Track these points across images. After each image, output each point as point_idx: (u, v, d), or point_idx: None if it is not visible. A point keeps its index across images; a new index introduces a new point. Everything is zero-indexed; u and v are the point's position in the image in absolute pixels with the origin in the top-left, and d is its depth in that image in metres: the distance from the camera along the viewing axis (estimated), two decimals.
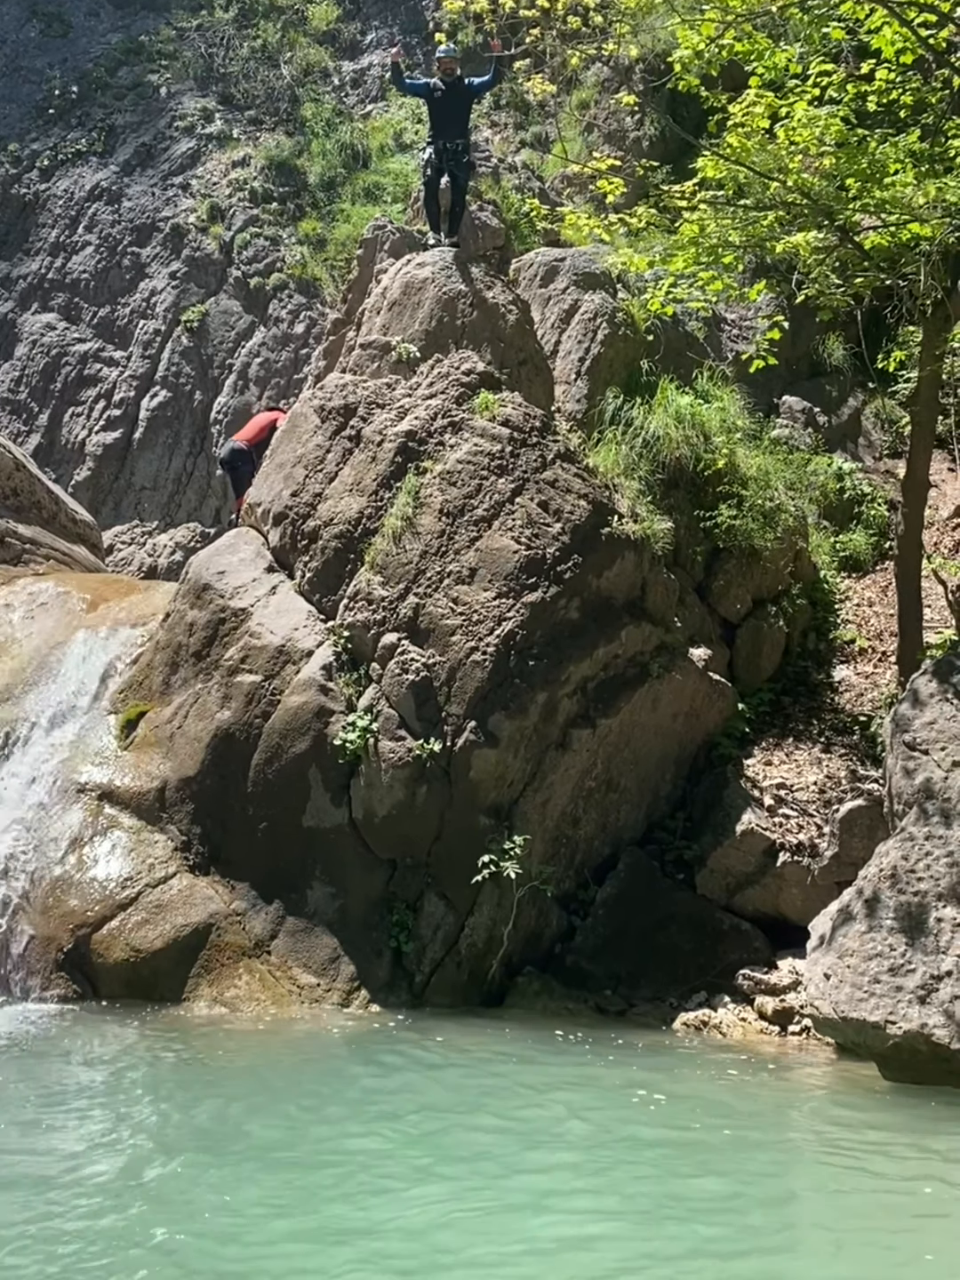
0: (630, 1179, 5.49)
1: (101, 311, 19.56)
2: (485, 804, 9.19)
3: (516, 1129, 6.21)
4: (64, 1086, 6.76)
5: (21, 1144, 5.80)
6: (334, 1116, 6.34)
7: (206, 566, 10.35)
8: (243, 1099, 6.59)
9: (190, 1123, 6.22)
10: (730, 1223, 5.03)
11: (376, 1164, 5.62)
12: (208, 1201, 5.15)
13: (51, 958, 8.76)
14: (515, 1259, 4.61)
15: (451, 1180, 5.45)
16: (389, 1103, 6.58)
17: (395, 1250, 4.65)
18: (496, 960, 9.08)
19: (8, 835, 9.26)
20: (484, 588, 9.57)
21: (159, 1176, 5.45)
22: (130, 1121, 6.20)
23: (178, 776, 9.56)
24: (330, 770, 9.28)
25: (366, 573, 9.80)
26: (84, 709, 10.20)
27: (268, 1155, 5.72)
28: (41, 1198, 5.11)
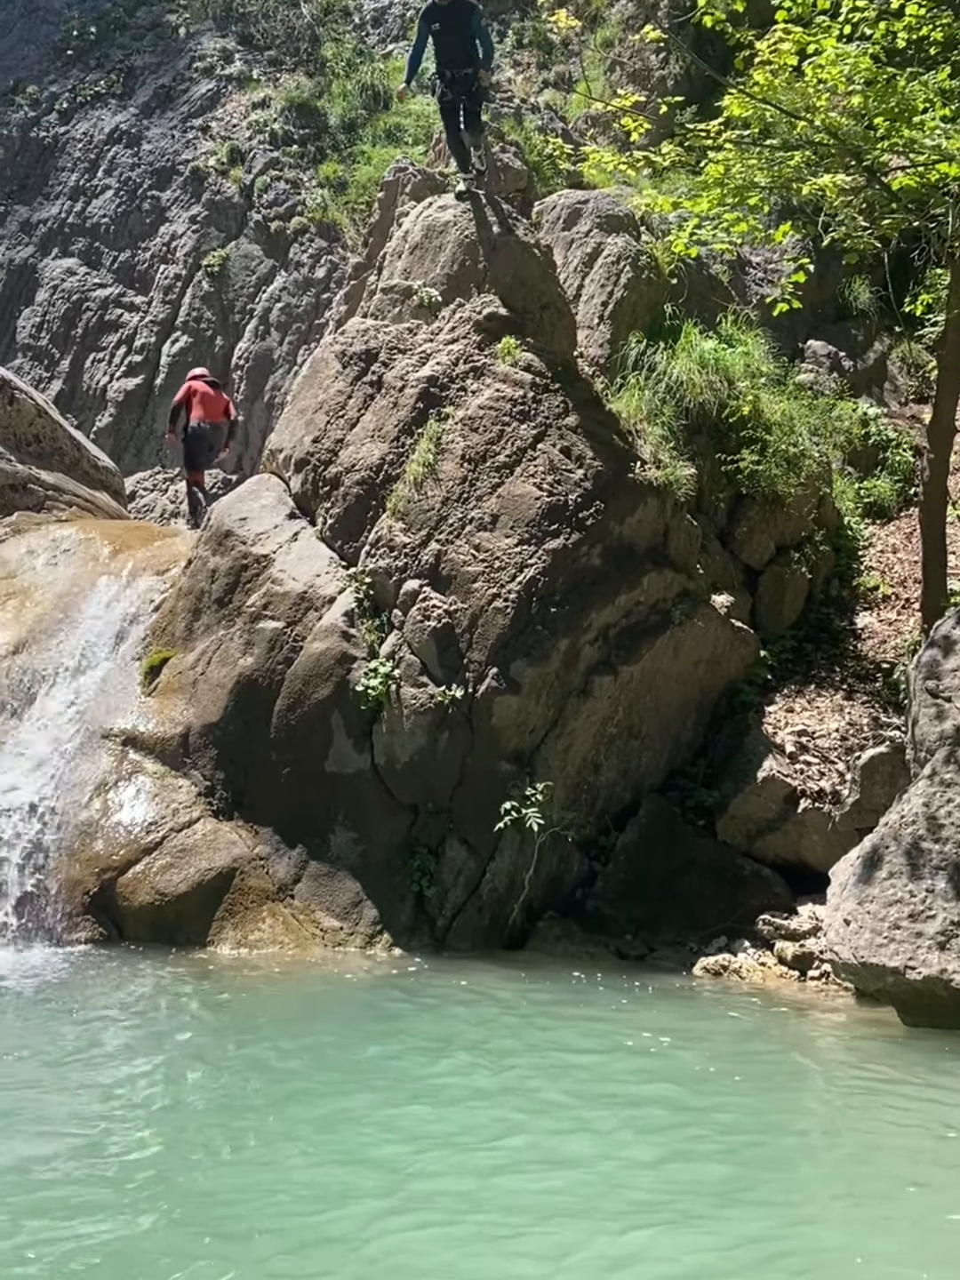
0: (638, 1121, 5.55)
1: (122, 256, 19.44)
2: (507, 750, 9.22)
3: (527, 1067, 6.31)
4: (92, 1026, 6.86)
5: (52, 1082, 5.90)
6: (356, 1055, 6.44)
7: (228, 513, 10.35)
8: (267, 1037, 6.69)
9: (215, 1060, 6.32)
10: (739, 1165, 5.09)
11: (396, 1100, 5.72)
12: (233, 1133, 5.25)
13: (78, 901, 8.87)
14: (513, 1189, 4.69)
15: (468, 1113, 5.56)
16: (408, 1041, 6.68)
17: (418, 1183, 4.74)
18: (517, 905, 9.15)
19: (33, 781, 9.33)
20: (506, 534, 9.54)
21: (187, 1113, 5.55)
22: (157, 1061, 6.29)
23: (201, 722, 9.62)
24: (352, 716, 9.32)
25: (388, 519, 9.78)
26: (107, 655, 10.25)
27: (291, 1091, 5.81)
28: (71, 1134, 5.21)
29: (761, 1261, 4.19)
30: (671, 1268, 4.11)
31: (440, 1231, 4.34)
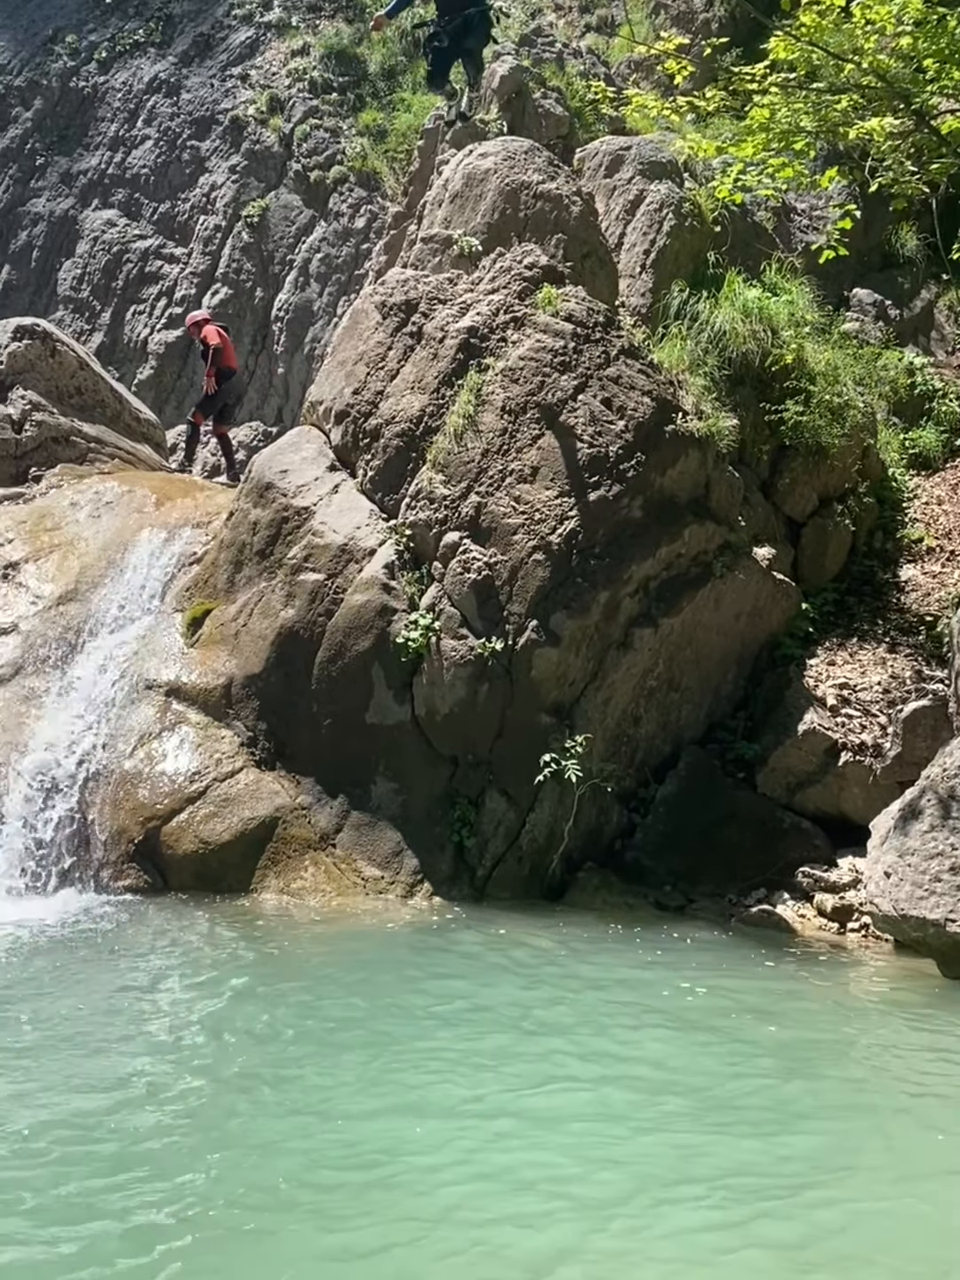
0: (677, 1067, 5.61)
1: (162, 207, 19.40)
2: (546, 703, 9.25)
3: (565, 1013, 6.38)
4: (137, 972, 6.99)
5: (98, 1029, 6.02)
6: (400, 1000, 6.52)
7: (269, 465, 10.37)
8: (313, 983, 6.79)
9: (262, 1006, 6.42)
10: (773, 1116, 5.13)
11: (443, 1045, 5.81)
12: (275, 1080, 5.35)
13: (123, 849, 9.01)
14: (553, 1134, 4.76)
15: (512, 1057, 5.64)
16: (449, 988, 6.76)
17: (472, 1126, 4.82)
18: (557, 856, 9.20)
19: (79, 731, 9.46)
20: (546, 486, 9.51)
21: (235, 1059, 5.64)
22: (202, 1006, 6.41)
23: (243, 674, 9.69)
24: (393, 668, 9.36)
25: (428, 471, 9.77)
26: (150, 607, 10.34)
27: (334, 1037, 5.91)
28: (119, 1083, 5.31)
29: (800, 1185, 4.28)
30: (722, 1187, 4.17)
31: (503, 1175, 4.42)
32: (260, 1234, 3.91)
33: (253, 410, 18.05)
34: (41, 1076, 5.18)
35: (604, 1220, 4.10)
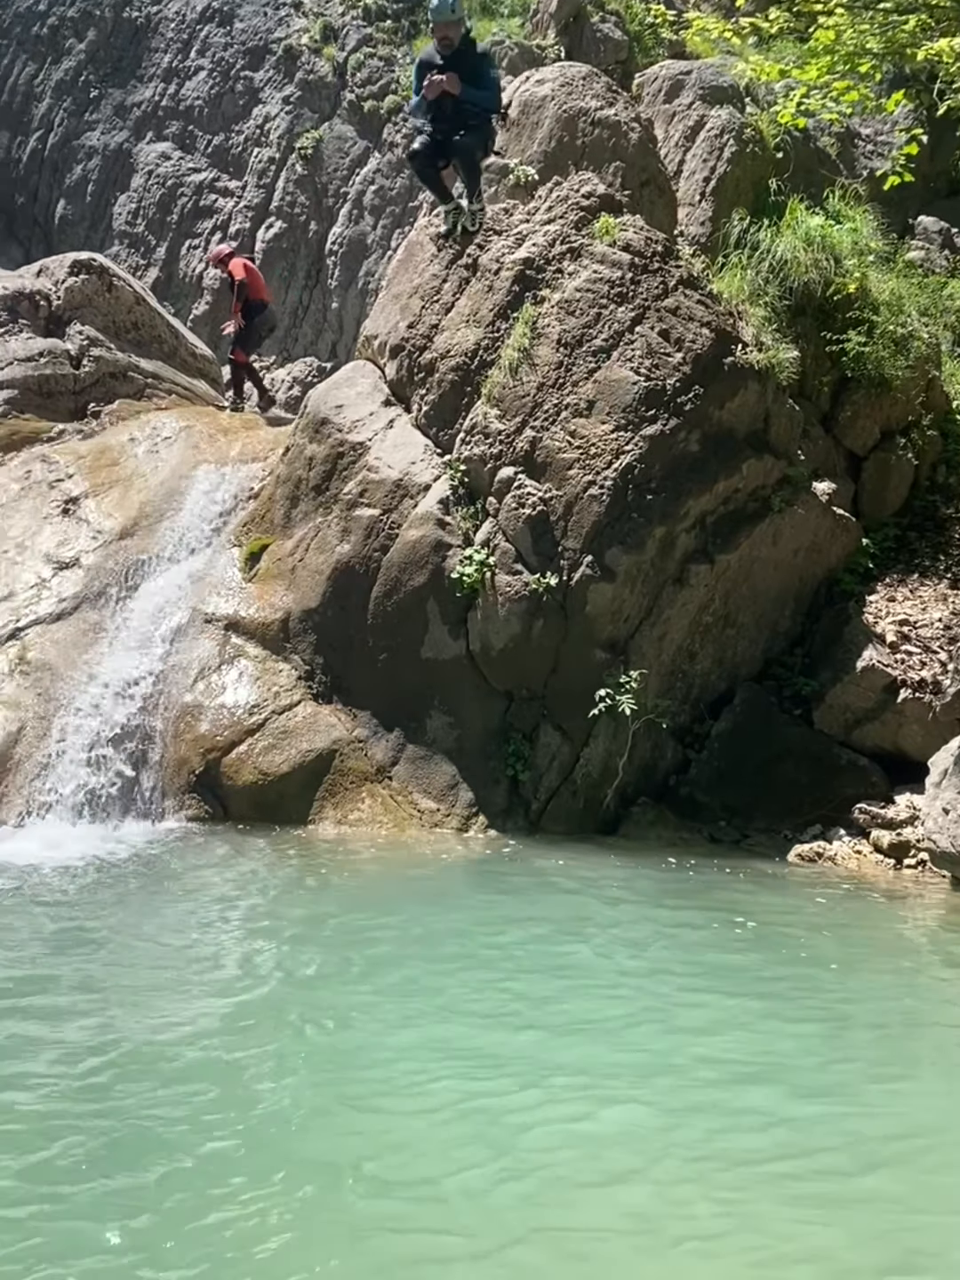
0: (733, 1001, 5.65)
1: (216, 139, 19.27)
2: (601, 638, 9.24)
3: (614, 946, 6.44)
4: (199, 901, 7.12)
5: (161, 956, 6.15)
6: (459, 930, 6.61)
7: (324, 400, 10.37)
8: (371, 913, 6.89)
9: (320, 935, 6.54)
10: (830, 1051, 5.16)
11: (502, 973, 5.91)
12: (332, 1007, 5.45)
13: (184, 780, 9.16)
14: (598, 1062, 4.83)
15: (555, 985, 5.72)
16: (506, 918, 6.84)
17: (509, 1056, 4.90)
18: (611, 790, 9.24)
19: (140, 663, 9.58)
20: (602, 420, 9.43)
21: (292, 989, 5.75)
22: (262, 936, 6.52)
23: (300, 608, 9.77)
24: (448, 603, 9.39)
25: (483, 406, 9.72)
26: (208, 542, 10.42)
27: (396, 967, 6.00)
28: (185, 1010, 5.44)
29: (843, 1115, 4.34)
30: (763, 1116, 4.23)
31: (571, 1101, 4.50)
32: (328, 1166, 3.98)
33: (307, 346, 18.01)
34: (105, 1007, 5.29)
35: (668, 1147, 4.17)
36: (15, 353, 11.89)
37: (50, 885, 7.28)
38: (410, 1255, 3.46)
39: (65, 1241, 3.39)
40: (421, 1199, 3.76)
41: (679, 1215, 3.70)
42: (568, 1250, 3.50)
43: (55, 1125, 4.06)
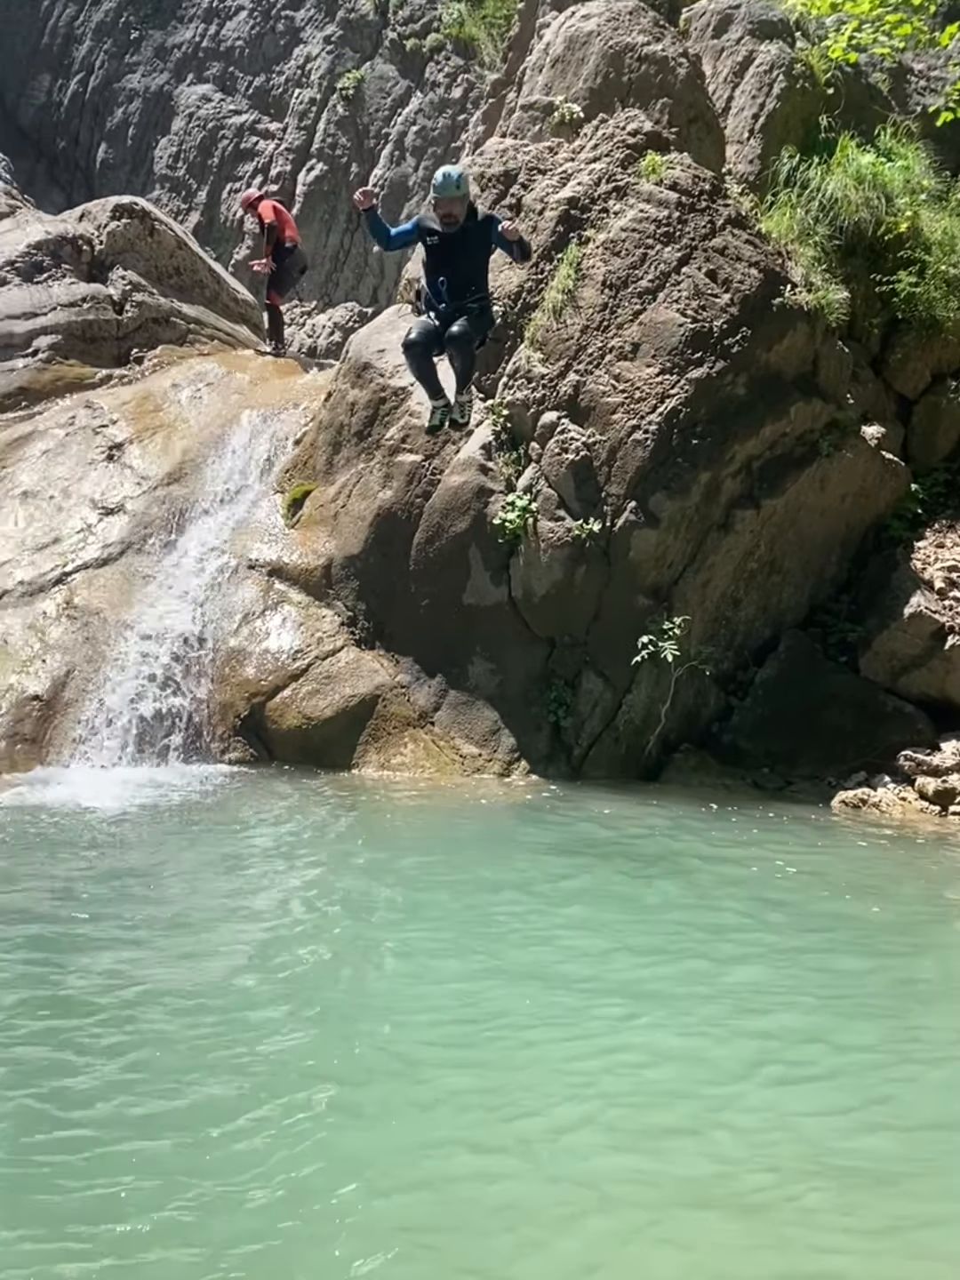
0: (774, 937, 5.65)
1: (257, 81, 19.05)
2: (644, 585, 9.18)
3: (655, 885, 6.48)
4: (244, 841, 7.19)
5: (206, 896, 6.23)
6: (501, 872, 6.63)
7: (366, 345, 10.30)
8: (413, 854, 6.93)
9: (363, 875, 6.60)
10: (871, 996, 5.16)
11: (532, 912, 5.95)
12: (377, 943, 5.51)
13: (230, 723, 9.23)
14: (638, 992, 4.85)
15: (599, 919, 5.78)
16: (548, 860, 6.87)
17: (561, 991, 4.93)
18: (653, 737, 9.22)
19: (186, 608, 9.63)
20: (647, 363, 9.32)
21: (336, 926, 5.82)
22: (306, 875, 6.57)
23: (342, 554, 9.77)
24: (490, 550, 9.35)
25: (526, 350, 9.62)
26: (251, 488, 10.43)
27: (438, 907, 6.05)
28: (231, 951, 5.49)
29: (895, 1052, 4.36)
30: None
31: (605, 1035, 4.53)
32: (369, 1095, 4.03)
33: (348, 290, 17.88)
34: (153, 943, 5.37)
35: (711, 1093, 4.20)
36: (58, 298, 11.89)
37: (97, 825, 7.37)
38: (458, 1172, 3.50)
39: (95, 1163, 3.45)
40: (469, 1122, 3.80)
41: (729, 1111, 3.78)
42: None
43: (88, 1048, 4.13)
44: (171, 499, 10.32)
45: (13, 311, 11.67)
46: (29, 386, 11.30)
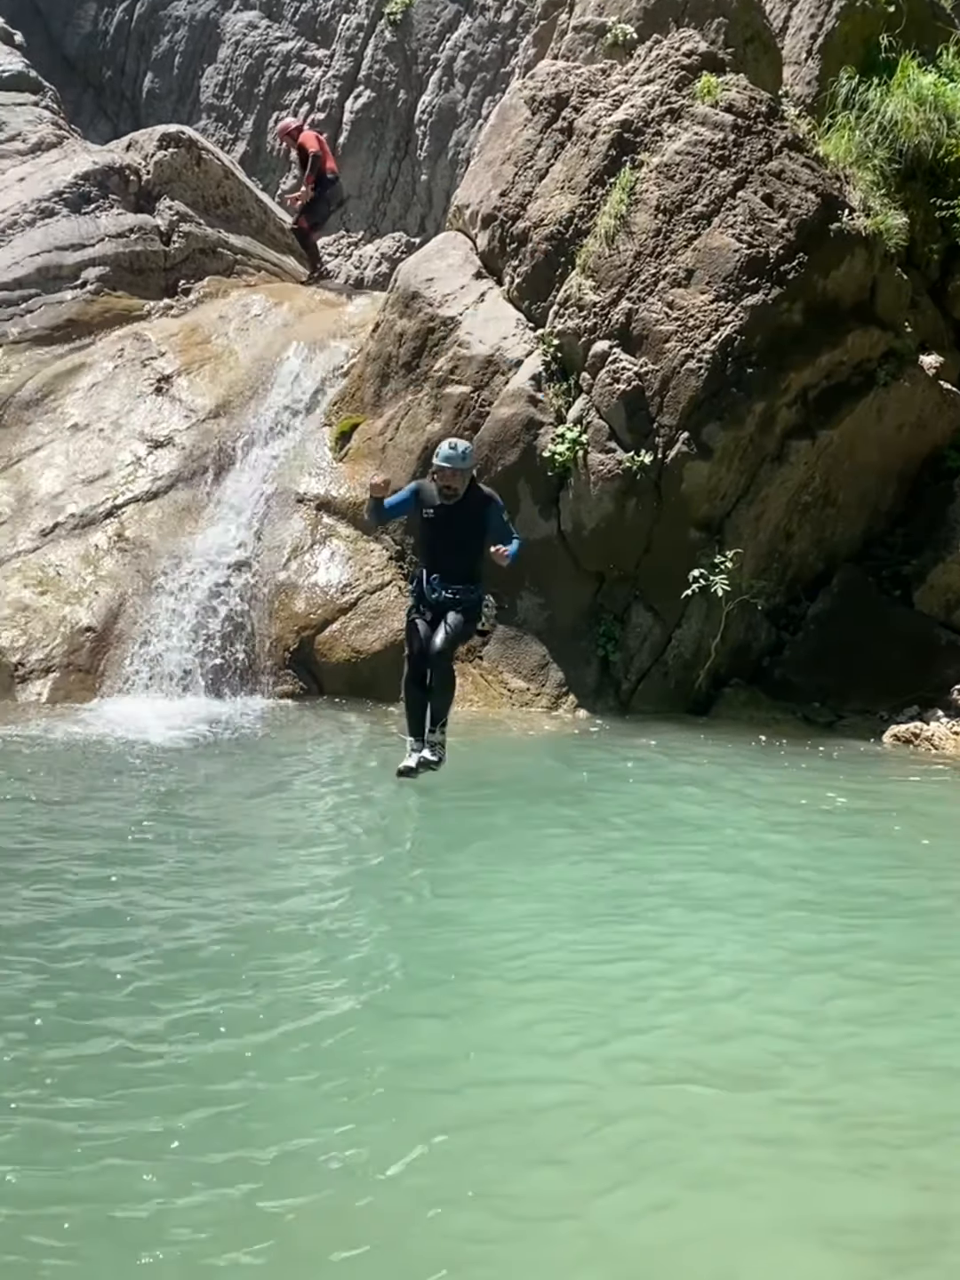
0: (822, 874, 5.63)
1: (303, 7, 18.72)
2: (696, 518, 9.08)
3: (705, 815, 6.47)
4: (295, 773, 7.21)
5: (255, 825, 6.27)
6: (549, 806, 6.63)
7: (415, 274, 10.18)
8: (461, 787, 6.92)
9: (410, 807, 6.63)
10: (919, 924, 5.12)
11: (584, 834, 6.02)
12: (428, 874, 5.54)
13: (280, 656, 9.26)
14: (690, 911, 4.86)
15: (651, 849, 5.80)
16: (599, 794, 6.86)
17: (612, 924, 4.94)
18: (703, 672, 9.16)
19: (235, 542, 9.64)
20: (701, 290, 9.14)
21: (381, 852, 5.84)
22: (354, 807, 6.60)
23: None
24: (539, 483, 9.27)
25: (577, 277, 9.47)
26: (299, 421, 10.38)
27: (487, 834, 6.06)
28: (271, 876, 5.53)
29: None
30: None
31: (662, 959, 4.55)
32: (428, 1025, 4.05)
33: (395, 220, 17.66)
34: (198, 875, 5.37)
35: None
36: (106, 229, 11.82)
37: (148, 754, 7.44)
38: (506, 1105, 3.52)
39: (165, 1101, 3.50)
40: (528, 1051, 3.83)
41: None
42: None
43: (150, 989, 4.17)
44: (220, 432, 10.29)
45: (61, 243, 11.62)
46: (77, 319, 11.27)
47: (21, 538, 9.67)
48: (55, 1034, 3.78)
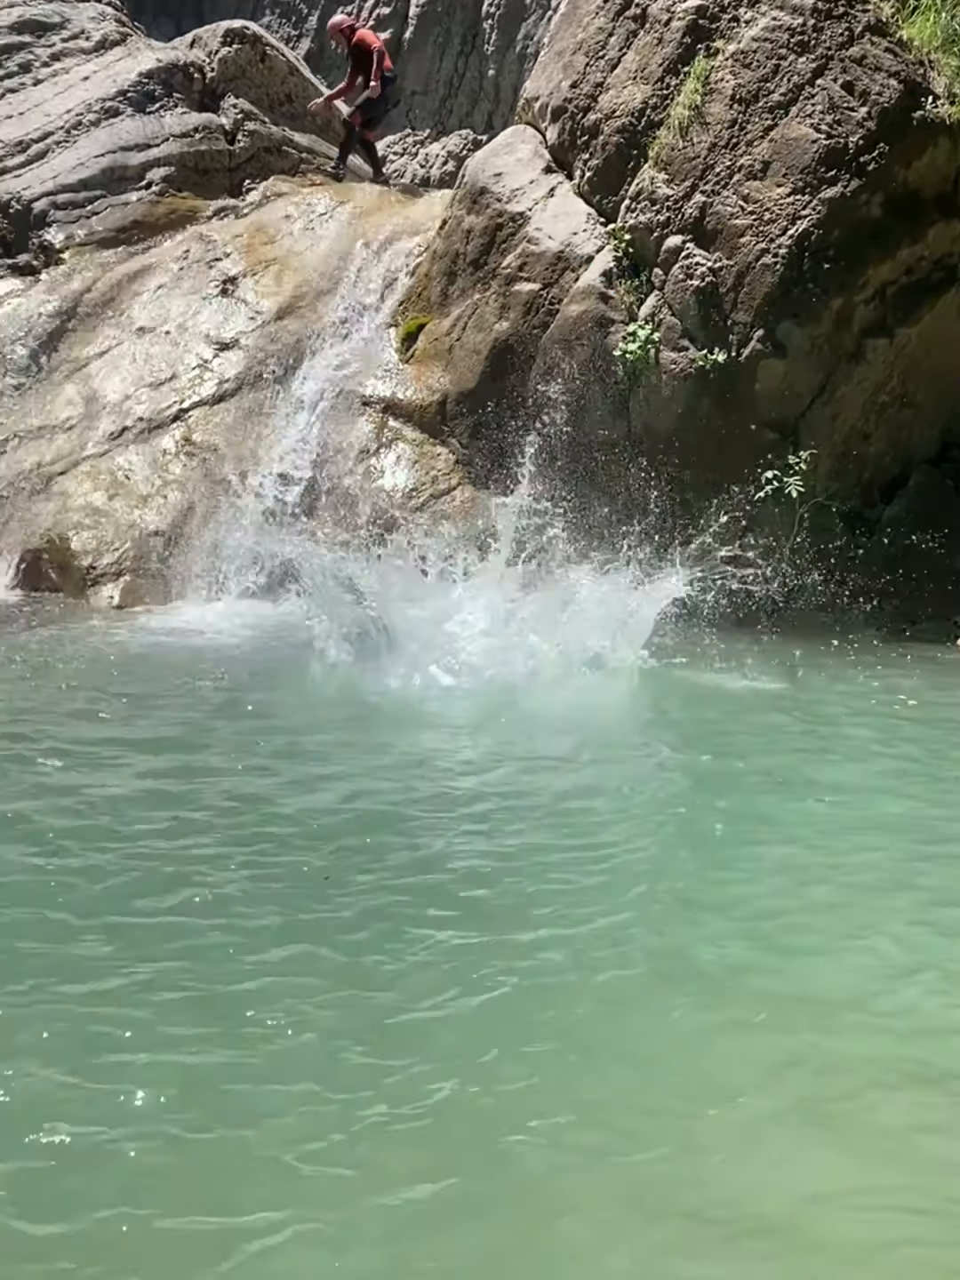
0: (885, 763, 5.58)
1: None
2: (770, 418, 8.90)
3: (776, 714, 6.45)
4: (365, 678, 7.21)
5: (329, 714, 6.31)
6: (607, 720, 6.61)
7: (483, 168, 9.97)
8: (539, 699, 6.90)
9: (486, 719, 6.61)
10: None
11: (657, 737, 5.97)
12: (502, 770, 5.55)
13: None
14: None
15: (710, 775, 5.73)
16: (661, 705, 6.82)
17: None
18: (777, 575, 9.01)
19: (300, 446, 9.61)
20: (778, 183, 8.86)
21: (456, 758, 5.86)
22: (427, 705, 6.61)
23: (457, 390, 9.61)
24: (609, 383, 9.12)
25: (650, 170, 9.21)
26: (365, 322, 10.27)
27: (551, 735, 6.07)
28: (340, 771, 5.57)
29: None
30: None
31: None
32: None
33: (462, 118, 17.31)
34: (274, 768, 5.41)
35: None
36: (171, 128, 11.69)
37: (217, 658, 7.48)
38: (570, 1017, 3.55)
39: (228, 966, 3.56)
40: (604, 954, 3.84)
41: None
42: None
43: (217, 858, 4.24)
44: (285, 334, 10.22)
45: (126, 143, 11.52)
46: (143, 220, 11.21)
47: (91, 441, 9.72)
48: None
